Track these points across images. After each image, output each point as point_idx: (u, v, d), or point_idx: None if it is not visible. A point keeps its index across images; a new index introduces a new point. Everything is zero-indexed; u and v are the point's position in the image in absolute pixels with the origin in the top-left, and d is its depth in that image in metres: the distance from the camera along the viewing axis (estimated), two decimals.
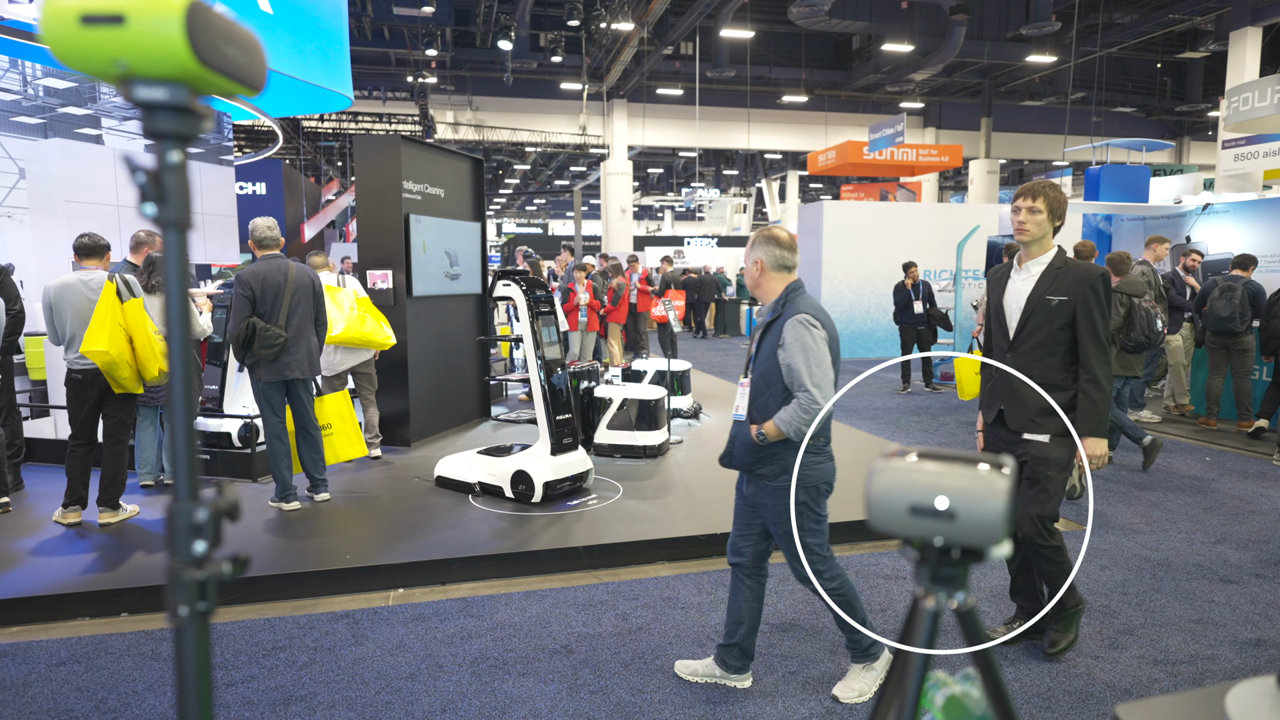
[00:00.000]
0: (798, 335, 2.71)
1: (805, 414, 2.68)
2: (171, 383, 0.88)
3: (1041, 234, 3.08)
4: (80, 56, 0.80)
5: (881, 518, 1.06)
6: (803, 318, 2.72)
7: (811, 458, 2.82)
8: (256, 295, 4.69)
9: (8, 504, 4.93)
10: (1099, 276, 2.97)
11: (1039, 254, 3.11)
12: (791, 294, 2.84)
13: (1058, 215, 3.07)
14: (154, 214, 0.84)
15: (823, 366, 2.70)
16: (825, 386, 2.69)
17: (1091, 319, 2.95)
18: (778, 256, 2.87)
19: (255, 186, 19.92)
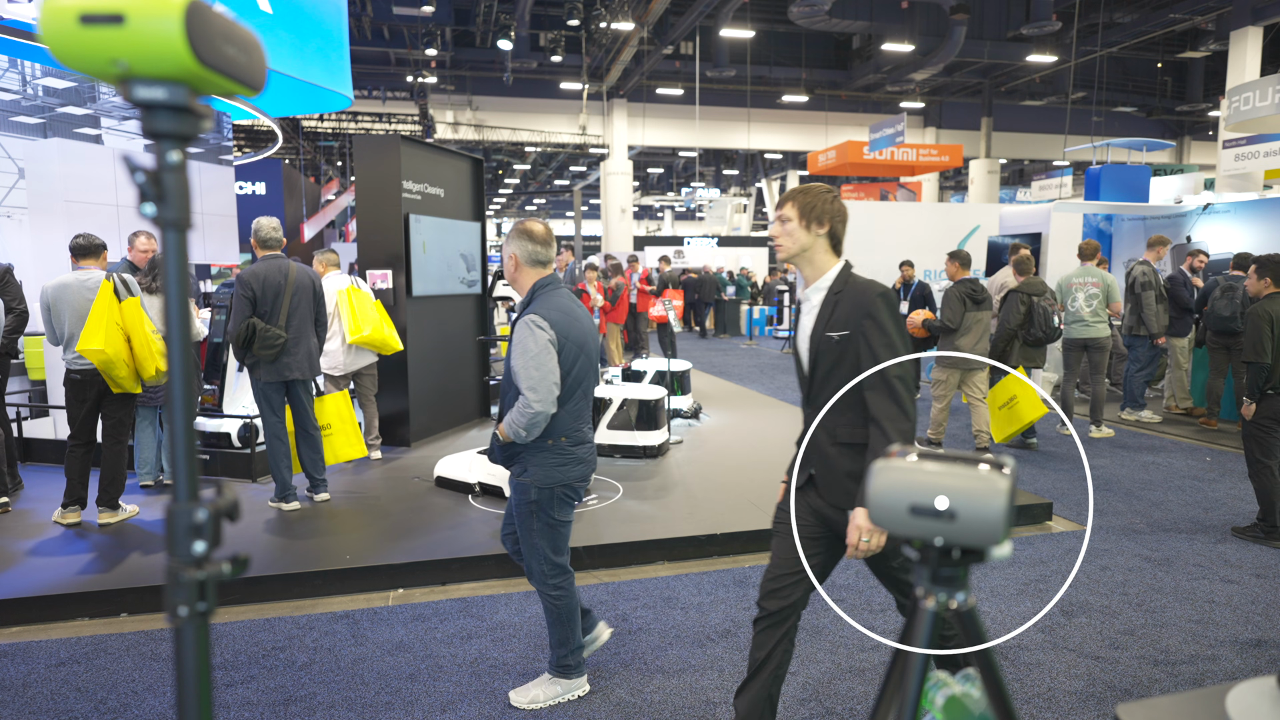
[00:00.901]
0: (520, 336, 2.67)
1: (522, 417, 2.63)
2: (171, 383, 0.88)
3: (799, 248, 2.33)
4: (79, 56, 0.80)
5: (882, 518, 1.06)
6: (530, 319, 2.67)
7: (550, 458, 2.75)
8: (257, 295, 4.68)
9: (7, 504, 4.93)
10: (876, 298, 2.24)
11: (815, 276, 2.36)
12: (537, 291, 2.78)
13: (818, 220, 2.31)
14: (153, 214, 0.84)
15: (542, 370, 2.62)
16: (542, 390, 2.62)
17: (876, 355, 2.21)
18: (531, 251, 2.79)
19: (255, 186, 19.92)
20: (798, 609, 2.42)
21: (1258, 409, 4.51)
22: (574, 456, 2.80)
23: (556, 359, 2.67)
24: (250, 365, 4.78)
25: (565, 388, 2.72)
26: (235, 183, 12.97)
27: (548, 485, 2.75)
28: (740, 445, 6.75)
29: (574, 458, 2.80)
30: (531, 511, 2.77)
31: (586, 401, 2.85)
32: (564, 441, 2.76)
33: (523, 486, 2.77)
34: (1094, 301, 7.19)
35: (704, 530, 4.54)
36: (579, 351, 2.76)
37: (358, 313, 5.89)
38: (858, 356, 2.24)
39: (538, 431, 2.68)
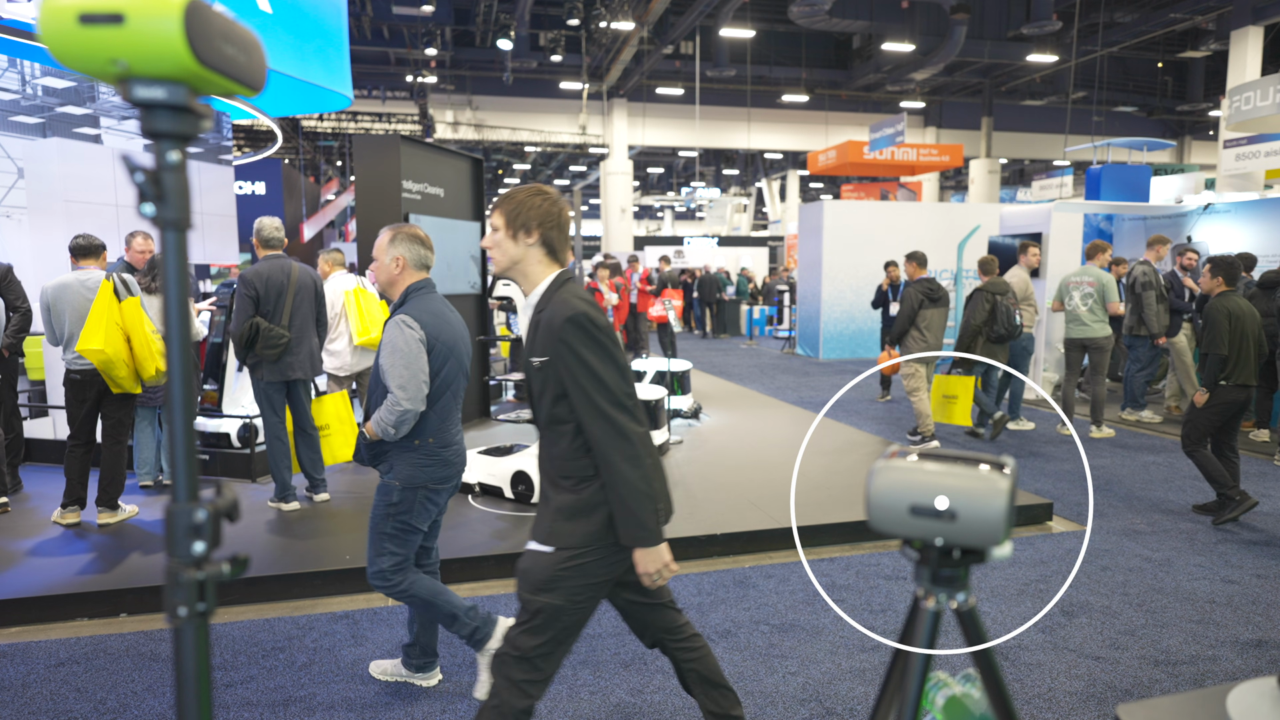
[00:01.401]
0: (391, 335, 2.68)
1: (391, 415, 2.64)
2: (171, 383, 0.88)
3: (510, 261, 2.06)
4: (79, 56, 0.80)
5: (882, 518, 1.06)
6: (401, 318, 2.68)
7: (417, 458, 2.75)
8: (260, 295, 4.67)
9: (6, 504, 4.93)
10: (565, 324, 1.92)
11: (529, 290, 2.09)
12: (411, 293, 2.79)
13: (525, 229, 2.03)
14: (153, 214, 0.84)
15: (412, 369, 2.64)
16: (411, 388, 2.63)
17: (579, 384, 1.92)
18: (420, 255, 2.82)
19: (254, 186, 19.92)
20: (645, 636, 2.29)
21: (1210, 398, 4.79)
22: (440, 458, 2.80)
23: (426, 358, 2.69)
24: (252, 365, 4.77)
25: (434, 389, 2.73)
26: (235, 182, 12.96)
27: (413, 485, 2.75)
28: (740, 445, 6.75)
29: (440, 459, 2.80)
30: (389, 513, 2.76)
31: (456, 404, 2.86)
32: (431, 442, 2.77)
33: (387, 487, 2.77)
34: (1089, 300, 7.20)
35: (704, 530, 4.54)
36: (449, 354, 2.76)
37: (365, 314, 5.90)
38: (561, 384, 1.95)
39: (405, 429, 2.69)
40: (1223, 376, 4.75)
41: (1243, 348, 4.70)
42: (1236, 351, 4.72)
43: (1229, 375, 4.74)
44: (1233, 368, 4.73)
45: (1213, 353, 4.73)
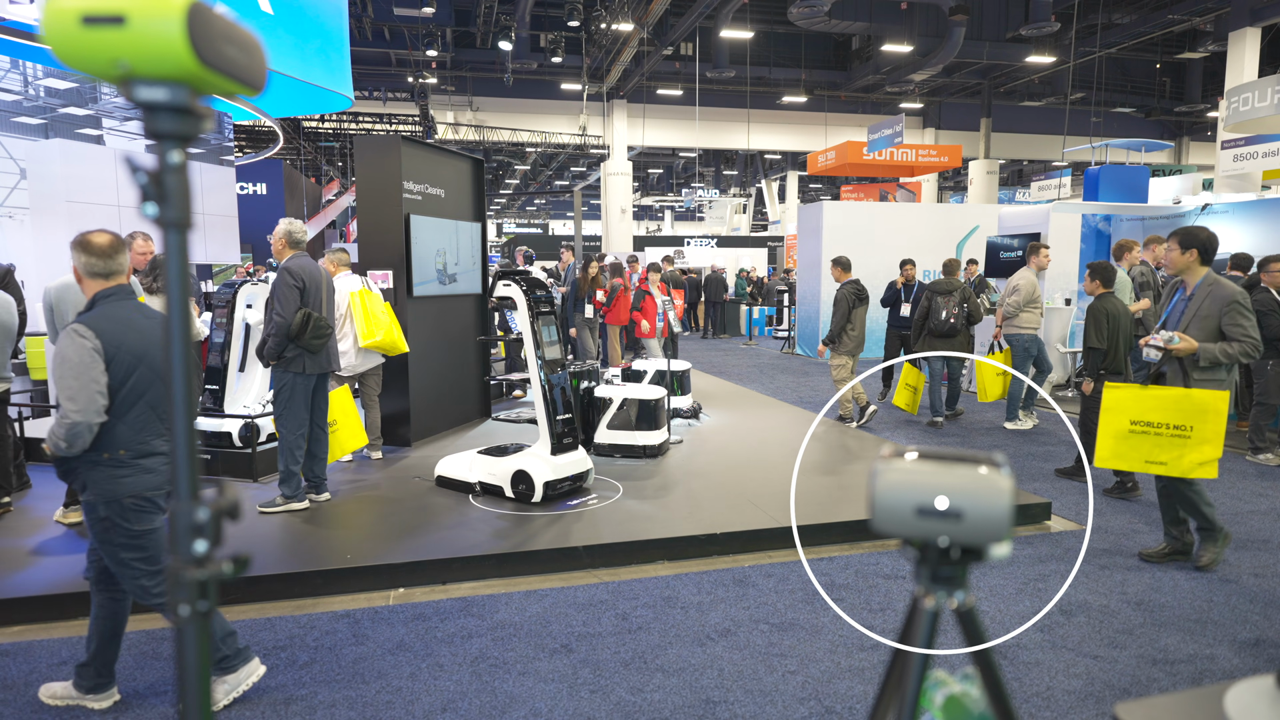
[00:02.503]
0: (60, 346, 2.59)
1: (60, 427, 2.55)
2: (171, 383, 0.88)
3: None
4: (81, 57, 0.81)
5: (886, 519, 1.06)
6: (74, 327, 2.60)
7: (108, 471, 2.65)
8: (306, 286, 4.73)
9: (9, 504, 4.93)
10: None
11: None
12: (99, 300, 2.72)
13: None
14: (155, 214, 0.84)
15: (82, 379, 2.54)
16: (82, 399, 2.53)
17: None
18: (86, 263, 2.75)
19: (256, 186, 19.94)
20: None
21: (1094, 386, 5.39)
22: (139, 467, 2.70)
23: (102, 368, 2.58)
24: (290, 358, 4.71)
25: (121, 399, 2.63)
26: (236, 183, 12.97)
27: (112, 499, 2.65)
28: (740, 445, 6.75)
29: (139, 468, 2.70)
30: (106, 528, 2.67)
31: (154, 414, 2.74)
32: (123, 455, 2.66)
33: (89, 505, 2.67)
34: None
35: (704, 530, 4.54)
36: (137, 362, 2.66)
37: (370, 315, 5.91)
38: None
39: (81, 444, 2.57)
40: (1102, 367, 5.46)
41: (1115, 342, 5.46)
42: (1112, 346, 5.46)
43: (1109, 364, 5.48)
44: (1112, 358, 5.49)
45: (1094, 346, 5.43)
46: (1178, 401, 3.96)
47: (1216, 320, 3.98)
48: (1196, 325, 4.04)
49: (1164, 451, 3.98)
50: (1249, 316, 3.94)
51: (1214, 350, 3.93)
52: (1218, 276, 4.07)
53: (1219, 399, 3.89)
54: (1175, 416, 3.95)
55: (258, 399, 6.35)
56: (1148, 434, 4.02)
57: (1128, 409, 4.07)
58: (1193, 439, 3.92)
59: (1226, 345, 3.94)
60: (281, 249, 4.86)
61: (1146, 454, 4.03)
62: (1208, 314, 4.02)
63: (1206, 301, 4.04)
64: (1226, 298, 3.96)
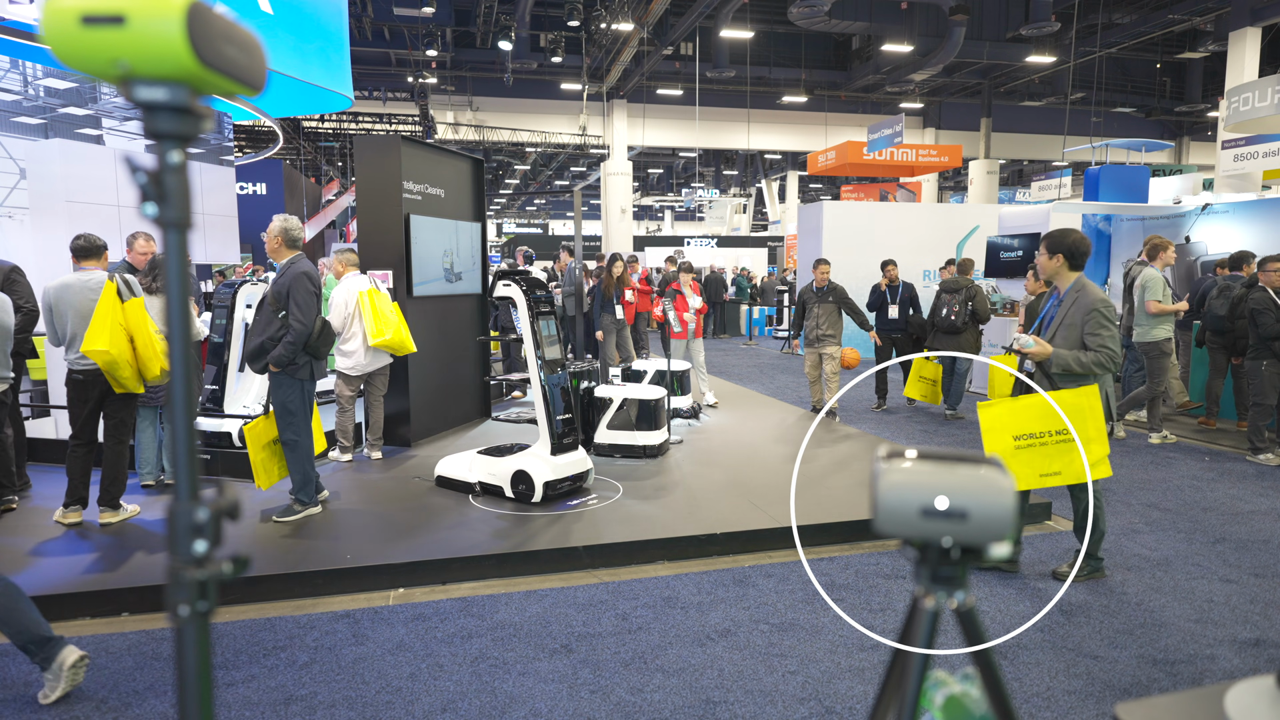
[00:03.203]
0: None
1: None
2: (172, 383, 0.88)
3: None
4: (81, 57, 0.81)
5: (889, 520, 1.06)
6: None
7: None
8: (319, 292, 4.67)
9: (14, 502, 4.94)
10: None
11: None
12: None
13: None
14: (155, 214, 0.84)
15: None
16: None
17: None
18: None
19: (256, 186, 19.93)
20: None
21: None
22: None
23: None
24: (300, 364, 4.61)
25: None
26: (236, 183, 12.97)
27: None
28: (740, 445, 6.75)
29: None
30: None
31: None
32: None
33: None
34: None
35: (704, 530, 4.54)
36: None
37: (379, 315, 5.91)
38: None
39: None
40: None
41: None
42: None
43: None
44: None
45: None
46: (1048, 406, 3.78)
47: (1080, 328, 3.85)
48: (1063, 332, 3.91)
49: (1054, 461, 3.77)
50: (1108, 326, 3.79)
51: (1067, 358, 3.81)
52: (1086, 283, 3.94)
53: (1089, 395, 3.73)
54: (1053, 422, 3.76)
55: (257, 399, 6.35)
56: (1034, 446, 3.79)
57: (1007, 425, 3.82)
58: (1079, 441, 3.75)
59: (1080, 354, 3.80)
60: (278, 248, 4.66)
61: (1040, 467, 3.79)
62: (1072, 322, 3.88)
63: (1073, 309, 3.90)
64: (1088, 306, 3.82)
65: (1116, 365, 3.80)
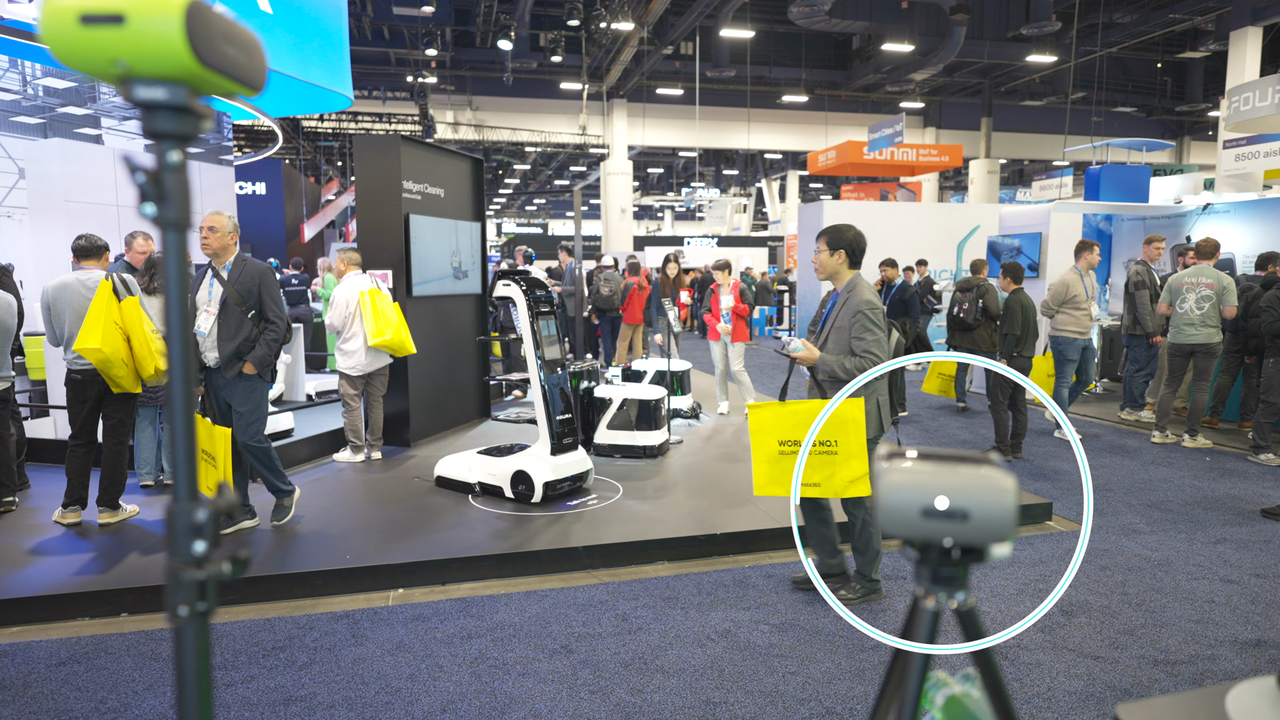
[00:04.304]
0: None
1: None
2: (171, 383, 0.88)
3: None
4: (80, 56, 0.80)
5: (892, 520, 1.06)
6: None
7: None
8: None
9: (14, 502, 4.93)
10: None
11: None
12: None
13: None
14: (154, 214, 0.84)
15: None
16: None
17: None
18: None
19: (255, 186, 19.92)
20: None
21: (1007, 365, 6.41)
22: None
23: None
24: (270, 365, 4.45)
25: None
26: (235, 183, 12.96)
27: None
28: (740, 445, 6.75)
29: None
30: None
31: None
32: None
33: None
34: (1205, 304, 6.79)
35: (704, 530, 4.54)
36: None
37: (380, 315, 5.90)
38: None
39: None
40: (1016, 350, 6.45)
41: (1027, 330, 6.43)
42: (1024, 332, 6.42)
43: (1020, 349, 6.46)
44: (1023, 343, 6.44)
45: (1010, 333, 6.44)
46: (816, 415, 3.55)
47: (848, 330, 3.60)
48: (833, 336, 3.66)
49: (815, 471, 3.57)
50: (874, 330, 3.55)
51: (832, 363, 3.57)
52: (859, 282, 3.69)
53: (854, 408, 3.49)
54: (819, 432, 3.54)
55: None
56: (797, 454, 3.61)
57: (773, 429, 3.62)
58: (840, 454, 3.54)
59: (845, 359, 3.56)
60: (231, 244, 4.43)
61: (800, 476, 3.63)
62: (842, 324, 3.63)
63: (843, 310, 3.64)
64: (854, 307, 3.59)
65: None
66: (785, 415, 3.61)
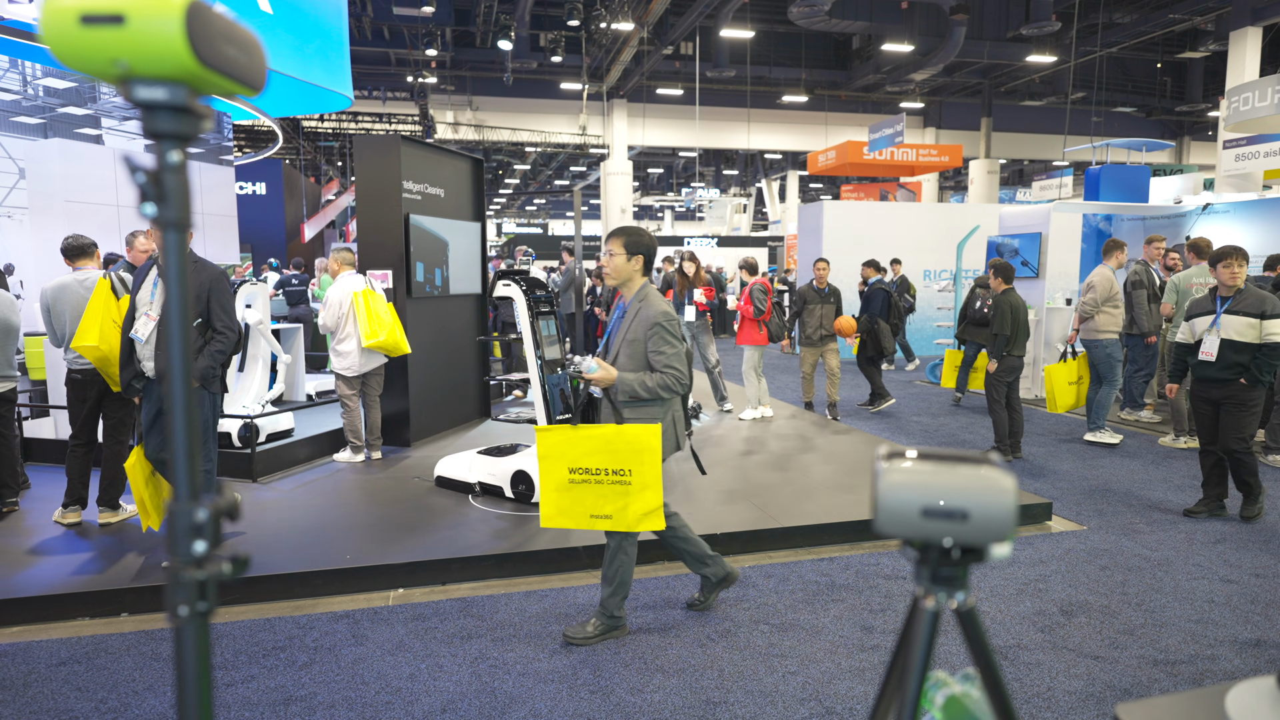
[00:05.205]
0: None
1: None
2: (171, 383, 0.88)
3: None
4: (80, 56, 0.80)
5: (890, 520, 1.06)
6: None
7: None
8: None
9: (15, 503, 4.94)
10: None
11: None
12: None
13: None
14: (154, 214, 0.84)
15: None
16: None
17: None
18: None
19: (255, 186, 19.92)
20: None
21: (999, 365, 6.49)
22: None
23: None
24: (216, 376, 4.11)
25: None
26: (235, 183, 12.97)
27: None
28: (740, 444, 6.75)
29: None
30: None
31: None
32: None
33: None
34: None
35: (704, 530, 4.53)
36: None
37: (374, 316, 5.90)
38: None
39: None
40: (1006, 350, 6.47)
41: (1017, 330, 6.44)
42: (1014, 332, 6.43)
43: (1010, 349, 6.47)
44: (1013, 343, 6.45)
45: (1000, 333, 6.45)
46: (610, 441, 3.26)
47: (644, 344, 3.29)
48: (626, 350, 3.36)
49: (608, 502, 3.28)
50: (673, 342, 3.27)
51: (631, 382, 3.24)
52: (649, 291, 3.38)
53: (650, 435, 3.20)
54: (612, 460, 3.25)
55: (257, 399, 6.35)
56: (589, 482, 3.30)
57: (564, 455, 3.33)
58: (633, 485, 3.24)
59: (646, 376, 3.25)
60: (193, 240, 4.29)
61: (591, 507, 3.31)
62: (635, 337, 3.32)
63: (635, 322, 3.33)
64: (650, 318, 3.27)
65: (684, 388, 3.31)
66: (577, 440, 3.31)
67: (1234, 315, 4.84)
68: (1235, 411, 4.82)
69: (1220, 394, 4.88)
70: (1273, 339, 4.71)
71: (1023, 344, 6.54)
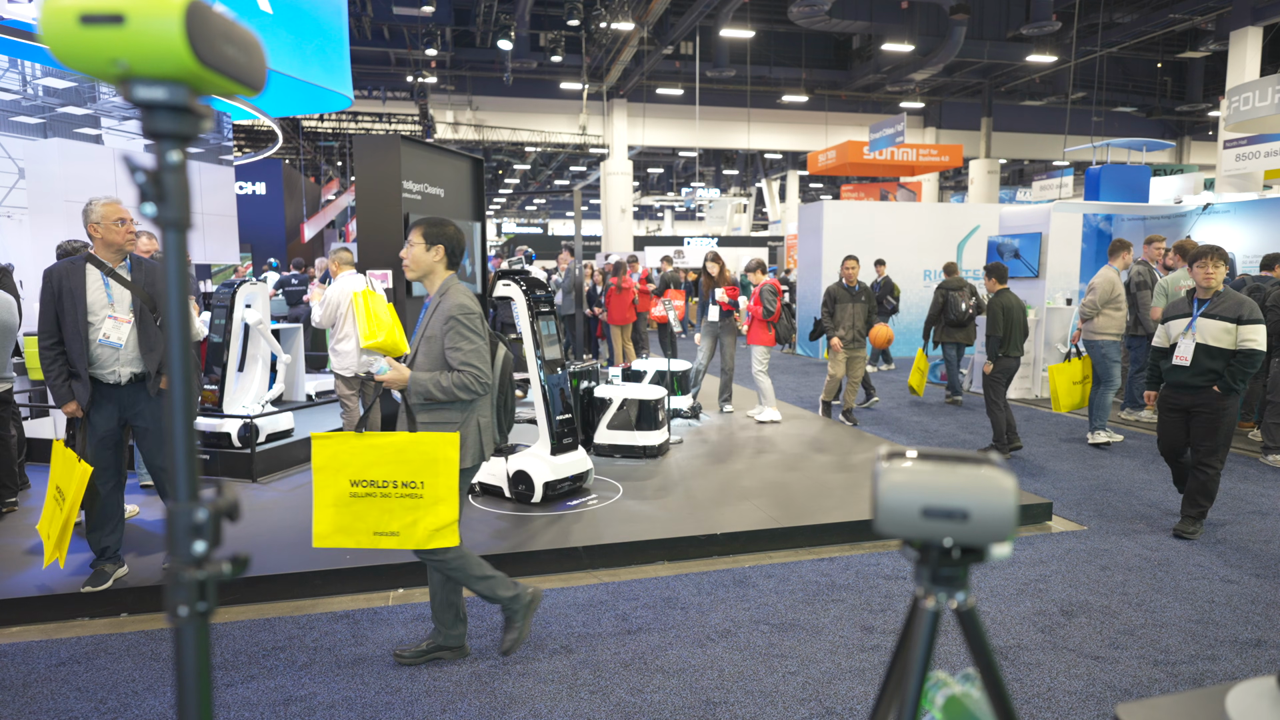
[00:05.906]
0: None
1: None
2: (171, 382, 0.88)
3: None
4: (80, 56, 0.80)
5: (890, 520, 1.06)
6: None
7: None
8: None
9: (14, 503, 4.93)
10: None
11: None
12: None
13: None
14: (154, 214, 0.84)
15: None
16: None
17: None
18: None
19: (255, 186, 19.93)
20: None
21: (995, 367, 6.52)
22: None
23: None
24: None
25: None
26: (235, 183, 12.97)
27: None
28: (740, 445, 6.75)
29: None
30: None
31: None
32: None
33: None
34: None
35: (704, 530, 4.54)
36: None
37: (373, 317, 5.88)
38: None
39: None
40: (1000, 350, 6.47)
41: (1011, 330, 6.46)
42: (1008, 333, 6.45)
43: (1005, 349, 6.47)
44: (1007, 344, 6.46)
45: (993, 335, 6.46)
46: (402, 451, 2.96)
47: (441, 341, 3.11)
48: (424, 348, 3.17)
49: (395, 518, 2.96)
50: (471, 337, 3.06)
51: (425, 382, 3.03)
52: (453, 284, 3.20)
53: (447, 444, 2.93)
54: (402, 471, 2.96)
55: (256, 399, 6.35)
56: (374, 496, 2.98)
57: (345, 465, 2.97)
58: (425, 499, 2.95)
59: (441, 376, 3.04)
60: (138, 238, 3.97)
61: (374, 523, 2.98)
62: (433, 334, 3.14)
63: (434, 317, 3.15)
64: (447, 312, 3.09)
65: (484, 388, 3.07)
66: (361, 450, 2.98)
67: (1210, 319, 4.54)
68: (1207, 421, 4.54)
69: (1191, 401, 4.59)
70: (1248, 345, 4.42)
71: (1019, 344, 6.53)
